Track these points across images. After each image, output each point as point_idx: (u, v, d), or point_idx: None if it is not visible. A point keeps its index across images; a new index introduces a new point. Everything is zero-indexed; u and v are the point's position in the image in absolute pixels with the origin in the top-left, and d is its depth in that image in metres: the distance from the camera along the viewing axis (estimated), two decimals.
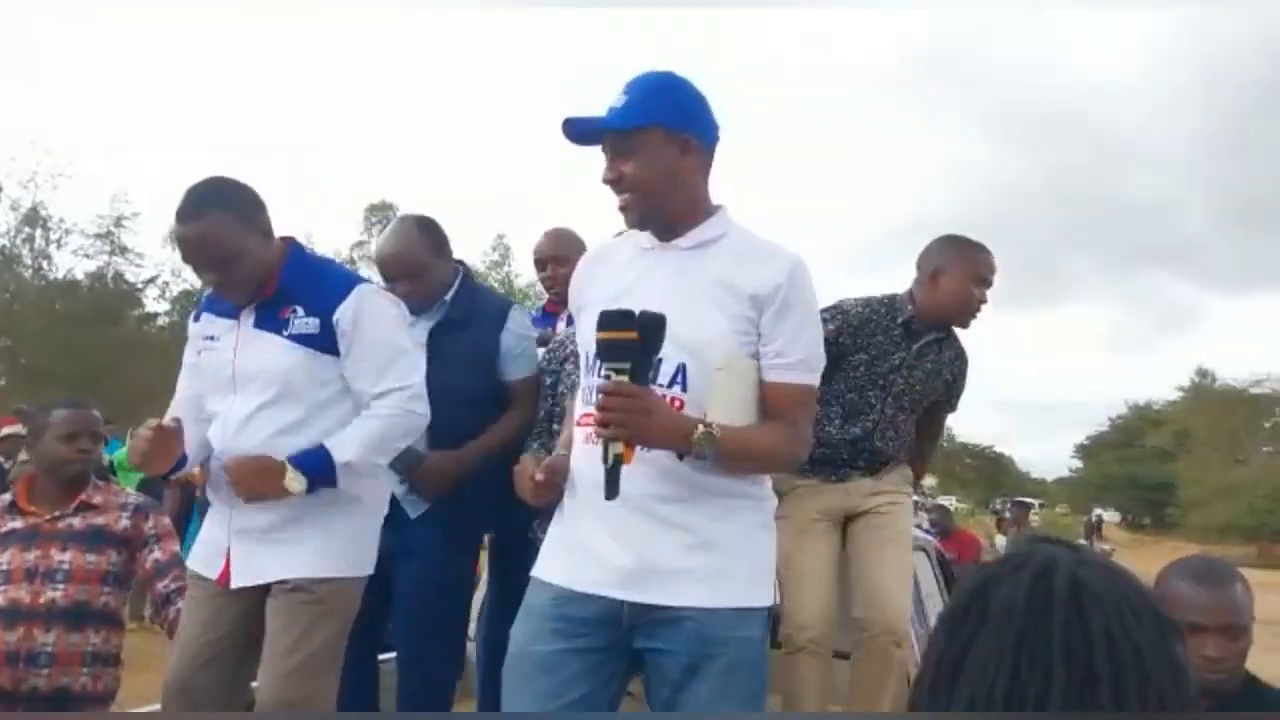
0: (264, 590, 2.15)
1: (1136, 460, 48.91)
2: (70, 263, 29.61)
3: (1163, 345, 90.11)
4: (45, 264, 29.25)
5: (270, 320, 2.16)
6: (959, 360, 2.84)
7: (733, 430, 1.69)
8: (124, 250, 30.22)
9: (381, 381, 2.14)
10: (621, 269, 1.86)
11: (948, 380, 2.82)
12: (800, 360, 1.77)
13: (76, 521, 2.54)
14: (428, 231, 2.68)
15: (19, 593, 2.41)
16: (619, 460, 1.61)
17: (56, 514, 2.54)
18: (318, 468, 2.08)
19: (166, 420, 2.11)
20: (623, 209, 1.81)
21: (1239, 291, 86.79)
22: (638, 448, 1.64)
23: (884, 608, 2.57)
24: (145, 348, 28.47)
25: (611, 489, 1.62)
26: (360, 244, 30.84)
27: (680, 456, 1.70)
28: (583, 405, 1.82)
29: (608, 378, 1.61)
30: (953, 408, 2.93)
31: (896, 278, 2.85)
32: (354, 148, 51.46)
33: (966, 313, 2.75)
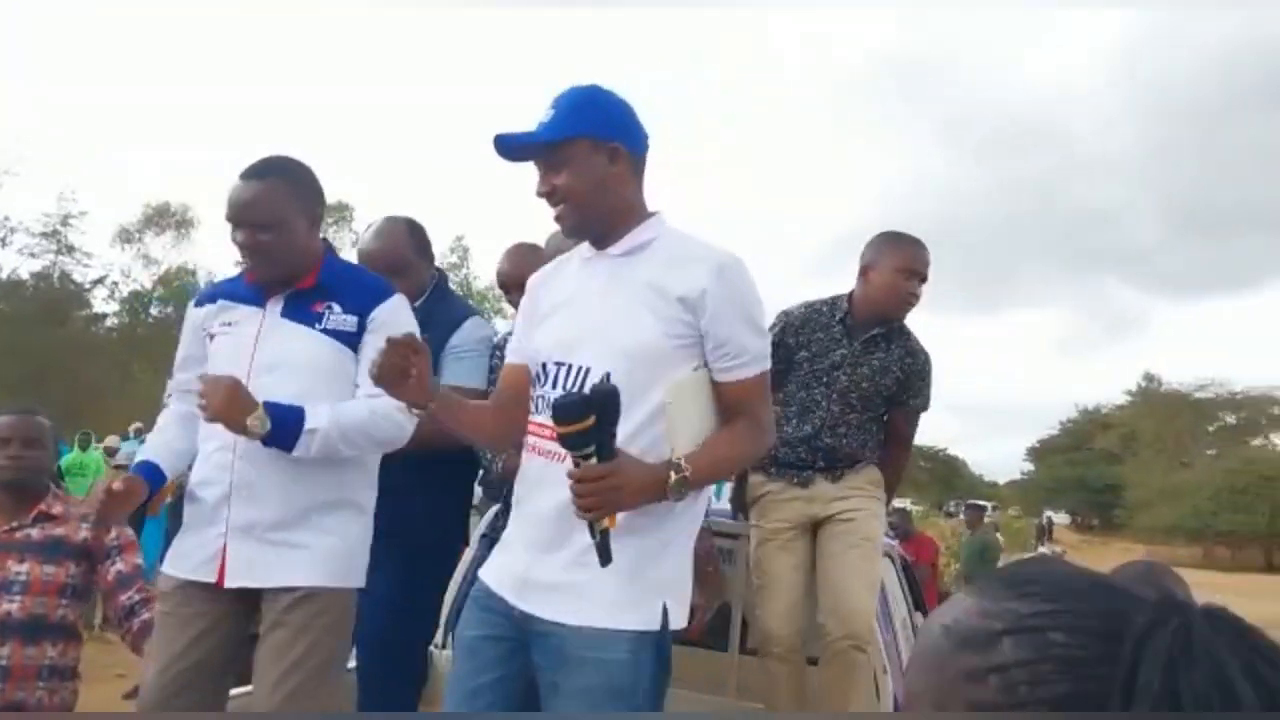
0: (254, 595, 2.10)
1: (1085, 463, 49.86)
2: (16, 262, 28.91)
3: (1112, 350, 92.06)
4: None
5: (302, 312, 2.13)
6: (911, 358, 2.80)
7: (699, 457, 1.70)
8: (71, 249, 29.61)
9: None
10: (567, 279, 1.90)
11: (898, 378, 2.78)
12: (750, 356, 1.76)
13: (35, 532, 2.46)
14: (414, 233, 2.73)
15: None
16: (605, 532, 1.63)
17: (14, 525, 2.46)
18: (285, 422, 2.01)
19: (118, 485, 2.06)
20: (558, 219, 1.83)
21: (1186, 297, 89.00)
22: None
23: (846, 613, 2.58)
24: (93, 348, 27.88)
25: (604, 557, 1.64)
26: None
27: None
28: (534, 414, 1.84)
29: (577, 464, 1.62)
30: (912, 408, 2.87)
31: (852, 282, 2.88)
32: (310, 147, 50.86)
33: (896, 304, 2.75)
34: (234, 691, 2.23)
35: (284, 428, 2.01)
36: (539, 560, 1.74)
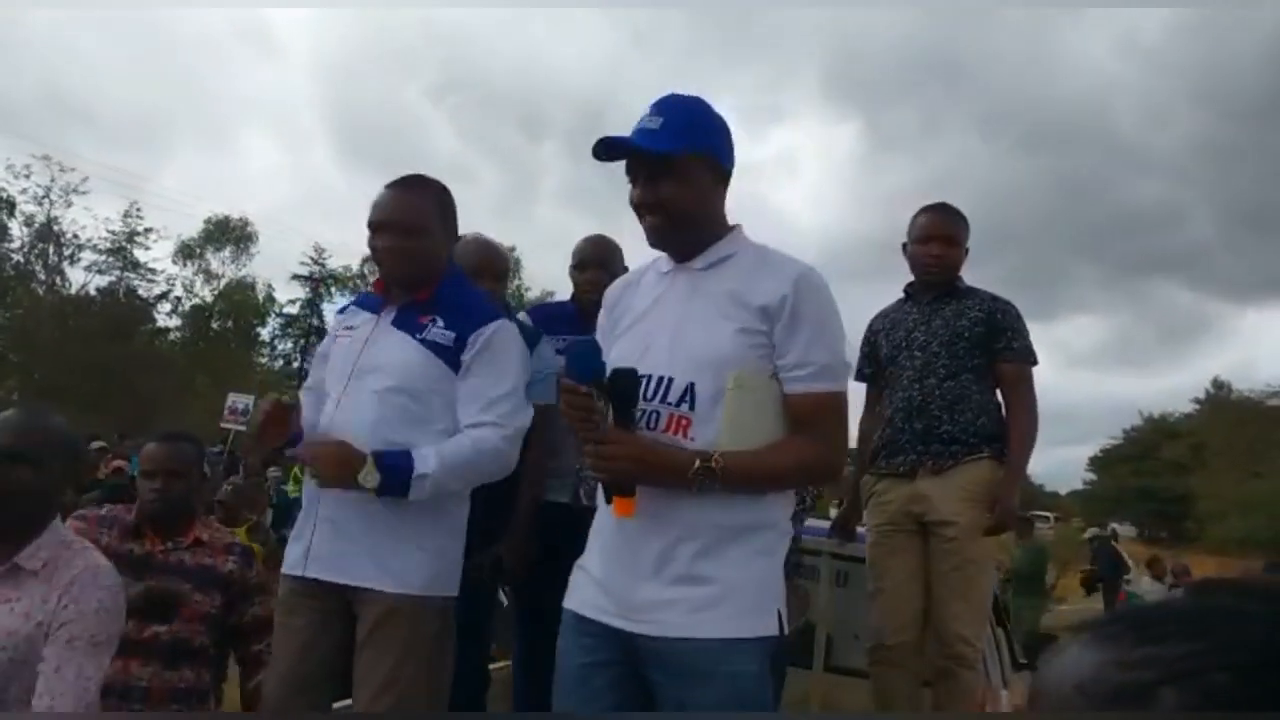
0: (354, 598, 2.13)
1: (1152, 473, 48.60)
2: (83, 278, 29.78)
3: (1173, 355, 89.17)
4: (58, 280, 29.43)
5: (408, 323, 2.23)
6: (992, 302, 2.84)
7: (740, 457, 1.68)
8: (136, 265, 30.44)
9: (485, 413, 2.16)
10: (646, 291, 1.89)
11: (980, 317, 2.79)
12: (821, 368, 1.73)
13: (187, 558, 2.48)
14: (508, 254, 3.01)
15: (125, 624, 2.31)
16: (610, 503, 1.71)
17: (170, 545, 2.47)
18: (395, 471, 2.05)
19: (287, 397, 2.20)
20: (651, 229, 1.81)
21: (1249, 299, 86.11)
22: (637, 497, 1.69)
23: (947, 636, 2.63)
24: (156, 363, 28.58)
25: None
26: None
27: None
28: None
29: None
30: (1016, 354, 2.80)
31: (903, 278, 3.05)
32: (356, 145, 51.69)
33: (923, 270, 2.92)
34: (339, 705, 2.29)
35: (395, 478, 2.05)
36: (642, 580, 1.71)
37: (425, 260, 2.23)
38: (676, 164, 1.75)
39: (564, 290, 3.27)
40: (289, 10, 58.08)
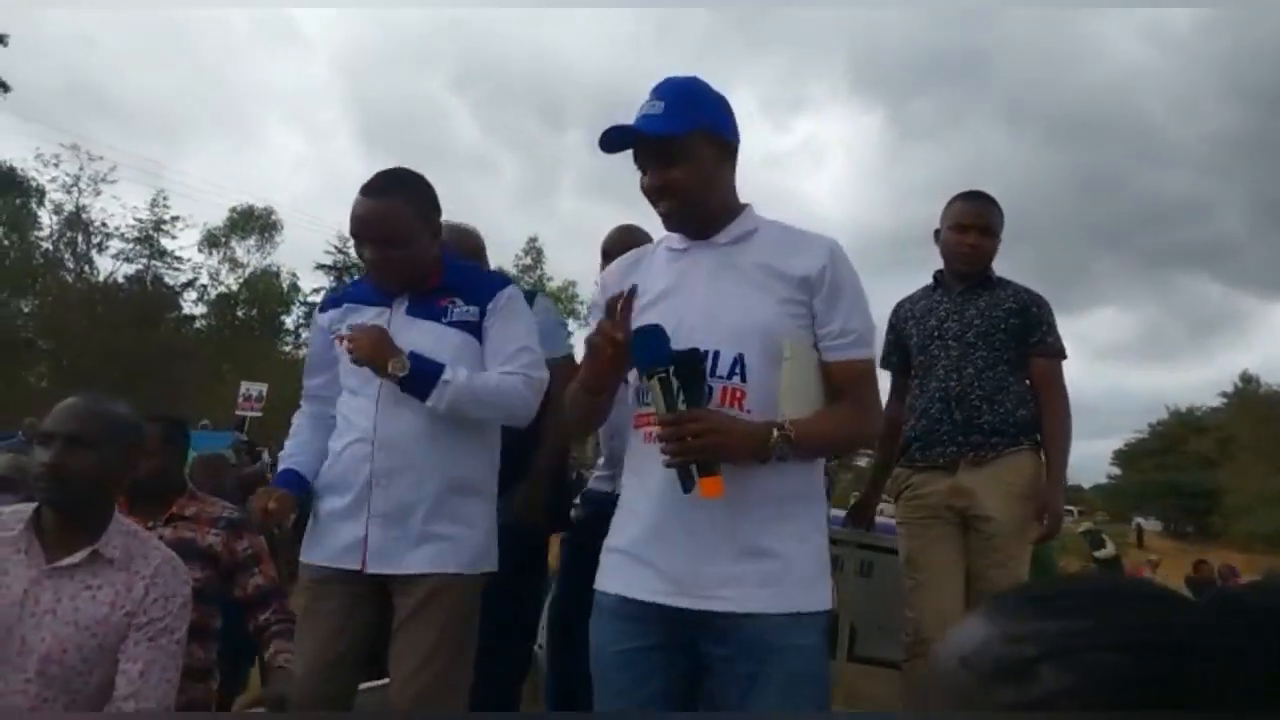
0: (386, 582, 2.15)
1: (1178, 467, 48.06)
2: (111, 266, 30.09)
3: (1200, 349, 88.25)
4: (87, 268, 29.77)
5: (427, 309, 2.23)
6: (1025, 293, 2.82)
7: (806, 424, 1.70)
8: (163, 254, 30.72)
9: (509, 364, 2.22)
10: (659, 271, 1.87)
11: (1013, 309, 2.76)
12: (859, 336, 1.77)
13: (166, 533, 2.48)
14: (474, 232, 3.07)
15: None
16: (693, 486, 1.63)
17: (150, 524, 2.46)
18: (423, 369, 2.11)
19: (272, 505, 2.15)
20: (666, 214, 1.81)
21: (1279, 294, 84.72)
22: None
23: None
24: (183, 350, 28.86)
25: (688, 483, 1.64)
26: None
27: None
28: (641, 406, 1.81)
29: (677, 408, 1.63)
30: (1048, 348, 2.78)
31: (926, 270, 3.03)
32: (378, 142, 51.94)
33: (957, 259, 2.86)
34: (366, 685, 2.29)
35: (422, 374, 2.11)
36: (700, 556, 1.69)
37: (416, 264, 2.21)
38: (681, 144, 1.74)
39: (586, 281, 3.28)
40: (312, 3, 58.29)
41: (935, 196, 2.93)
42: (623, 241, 3.07)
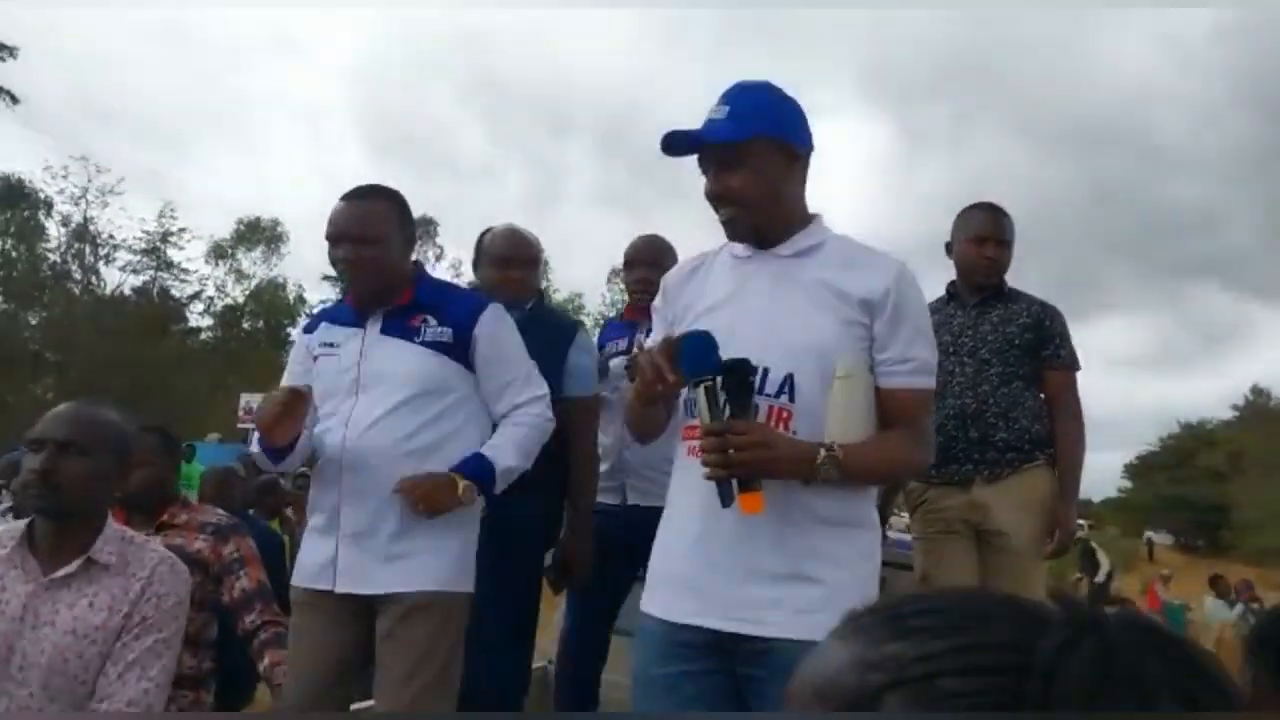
0: (374, 601, 2.16)
1: (1189, 481, 47.82)
2: (118, 278, 30.16)
3: (1212, 361, 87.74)
4: (94, 279, 29.84)
5: (399, 328, 2.25)
6: (1039, 307, 2.82)
7: (855, 447, 1.64)
8: (170, 265, 30.79)
9: (525, 391, 2.28)
10: (719, 279, 1.82)
11: (1027, 324, 2.77)
12: (920, 364, 1.72)
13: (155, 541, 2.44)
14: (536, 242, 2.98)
15: None
16: (733, 502, 1.58)
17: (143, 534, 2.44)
18: (481, 474, 2.15)
19: (301, 385, 2.16)
20: (728, 221, 1.76)
21: None
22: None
23: None
24: (189, 362, 28.89)
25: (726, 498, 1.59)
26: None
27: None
28: (689, 418, 1.76)
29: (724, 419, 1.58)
30: (1062, 363, 2.81)
31: (932, 281, 2.97)
32: (382, 156, 52.09)
33: (975, 271, 2.85)
34: (356, 706, 2.29)
35: (484, 481, 2.18)
36: (743, 579, 1.65)
37: (386, 268, 2.23)
38: (744, 150, 1.70)
39: (591, 293, 3.25)
40: (319, 13, 58.67)
41: (945, 207, 2.88)
42: (646, 251, 3.07)
